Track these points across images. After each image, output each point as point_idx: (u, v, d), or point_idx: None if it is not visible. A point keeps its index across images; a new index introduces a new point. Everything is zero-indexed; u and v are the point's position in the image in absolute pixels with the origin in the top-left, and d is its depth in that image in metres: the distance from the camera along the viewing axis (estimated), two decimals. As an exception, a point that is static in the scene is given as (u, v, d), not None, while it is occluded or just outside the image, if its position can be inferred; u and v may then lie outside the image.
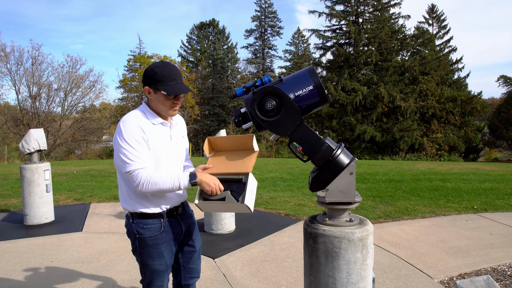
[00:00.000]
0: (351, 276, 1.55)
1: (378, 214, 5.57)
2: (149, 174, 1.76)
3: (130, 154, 1.75)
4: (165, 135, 1.94)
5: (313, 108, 1.63)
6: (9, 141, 24.52)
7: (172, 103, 1.86)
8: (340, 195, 1.58)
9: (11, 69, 22.09)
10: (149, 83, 1.84)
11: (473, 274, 3.49)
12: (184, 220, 2.09)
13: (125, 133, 1.77)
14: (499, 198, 6.62)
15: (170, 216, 1.99)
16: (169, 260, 2.01)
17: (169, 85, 1.80)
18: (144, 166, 1.77)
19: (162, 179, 1.76)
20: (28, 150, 5.27)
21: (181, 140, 2.08)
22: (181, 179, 1.77)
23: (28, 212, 5.26)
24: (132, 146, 1.76)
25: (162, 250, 1.95)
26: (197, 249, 2.19)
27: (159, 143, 1.89)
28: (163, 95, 1.82)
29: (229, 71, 34.67)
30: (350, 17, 25.16)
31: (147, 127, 1.85)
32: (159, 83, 1.80)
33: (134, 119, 1.82)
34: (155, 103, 1.87)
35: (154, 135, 1.87)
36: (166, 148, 1.93)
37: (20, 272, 3.61)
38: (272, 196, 7.09)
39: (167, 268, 2.01)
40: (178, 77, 1.84)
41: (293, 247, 4.19)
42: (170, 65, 1.86)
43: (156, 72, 1.81)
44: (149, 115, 1.89)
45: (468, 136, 23.87)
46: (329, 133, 23.19)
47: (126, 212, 2.02)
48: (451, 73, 26.73)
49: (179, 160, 2.03)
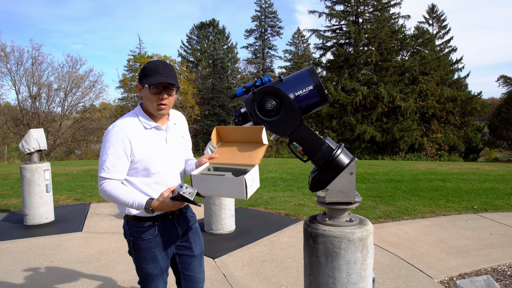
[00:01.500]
0: (351, 276, 1.55)
1: (378, 214, 5.57)
2: (113, 187, 1.76)
3: (107, 162, 1.77)
4: (159, 139, 1.90)
5: (313, 108, 1.63)
6: (9, 141, 24.51)
7: (158, 98, 1.80)
8: (340, 195, 1.58)
9: (11, 69, 22.07)
10: (139, 79, 1.85)
11: (473, 274, 3.49)
12: (182, 223, 2.02)
13: (109, 141, 1.78)
14: (499, 198, 6.62)
15: (165, 219, 1.94)
16: (164, 264, 1.96)
17: (151, 78, 1.78)
18: (115, 178, 1.78)
19: (120, 197, 1.75)
20: (28, 150, 5.27)
21: (180, 142, 2.02)
22: (137, 204, 1.73)
23: (28, 212, 5.26)
24: (111, 157, 1.77)
25: (156, 254, 1.91)
26: (196, 254, 2.09)
27: (151, 148, 1.85)
28: (147, 89, 1.80)
29: (229, 71, 34.65)
30: (350, 17, 25.16)
31: (137, 133, 1.82)
32: (144, 77, 1.80)
33: (122, 127, 1.80)
34: (145, 101, 1.85)
35: (145, 140, 1.84)
36: (160, 153, 1.88)
37: (20, 272, 3.61)
38: (272, 196, 7.09)
39: (162, 272, 1.96)
40: (165, 71, 1.79)
41: (293, 247, 4.19)
42: (159, 61, 1.84)
43: (144, 67, 1.82)
44: (142, 117, 1.86)
45: (468, 136, 23.87)
46: (329, 133, 23.19)
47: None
48: (451, 73, 26.72)
49: (176, 163, 1.98)
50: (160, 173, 1.88)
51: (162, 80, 1.77)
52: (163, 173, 1.90)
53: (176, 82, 1.83)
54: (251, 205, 6.29)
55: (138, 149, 1.80)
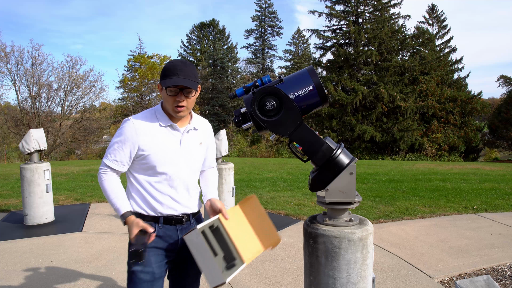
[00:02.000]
0: (351, 276, 1.55)
1: (378, 214, 5.57)
2: (108, 180, 1.77)
3: (113, 151, 1.77)
4: (174, 139, 1.81)
5: (313, 108, 1.63)
6: (9, 141, 24.51)
7: (174, 100, 1.72)
8: (340, 195, 1.58)
9: (11, 69, 22.05)
10: (160, 79, 1.79)
11: (473, 274, 3.49)
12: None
13: (120, 133, 1.77)
14: (499, 198, 6.62)
15: (167, 223, 1.82)
16: (157, 270, 1.77)
17: (168, 79, 1.71)
18: (115, 168, 1.77)
19: (109, 192, 1.76)
20: (28, 150, 5.27)
21: (197, 148, 1.90)
22: (117, 207, 1.73)
23: (28, 212, 5.26)
24: (117, 148, 1.76)
25: (149, 256, 1.75)
26: (191, 274, 1.92)
27: (163, 147, 1.78)
28: (164, 91, 1.75)
29: (229, 71, 34.66)
30: (350, 17, 25.17)
31: (150, 128, 1.77)
32: (163, 78, 1.74)
33: (135, 122, 1.77)
34: (164, 102, 1.80)
35: (159, 137, 1.78)
36: (171, 154, 1.79)
37: (20, 272, 3.61)
38: (272, 196, 7.09)
39: (153, 279, 1.76)
40: (183, 72, 1.71)
41: (293, 247, 4.19)
42: (178, 60, 1.78)
43: (164, 67, 1.77)
44: (160, 116, 1.81)
45: (468, 136, 23.87)
46: (329, 133, 23.19)
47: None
48: (451, 73, 26.74)
49: (189, 168, 1.86)
50: (167, 174, 1.79)
51: (179, 83, 1.69)
52: (171, 175, 1.80)
53: (195, 83, 1.74)
54: (251, 205, 6.29)
55: (146, 145, 1.75)
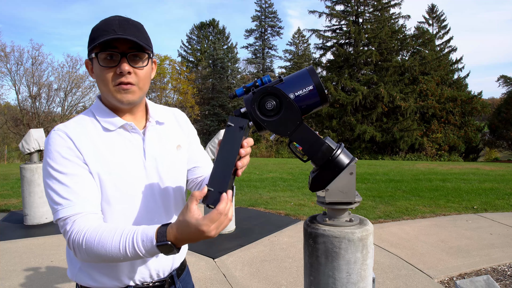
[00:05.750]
0: (351, 276, 1.55)
1: (378, 214, 5.57)
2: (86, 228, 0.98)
3: (59, 190, 1.02)
4: (133, 149, 1.14)
5: (313, 108, 1.63)
6: (9, 141, 24.53)
7: (114, 74, 1.06)
8: (340, 195, 1.58)
9: (11, 69, 22.05)
10: (88, 46, 1.11)
11: (473, 274, 3.49)
12: None
13: (50, 158, 1.04)
14: (499, 198, 6.62)
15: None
16: None
17: (99, 40, 1.04)
18: (83, 211, 1.01)
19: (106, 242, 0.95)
20: (28, 150, 5.27)
21: (173, 154, 1.23)
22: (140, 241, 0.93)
23: (28, 212, 5.26)
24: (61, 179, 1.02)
25: None
26: None
27: (116, 159, 1.10)
28: (96, 62, 1.07)
29: (229, 71, 34.67)
30: (350, 17, 25.18)
31: (91, 137, 1.09)
32: (90, 43, 1.08)
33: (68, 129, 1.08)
34: (99, 85, 1.10)
35: (105, 148, 1.10)
36: (132, 166, 1.12)
37: (20, 272, 3.61)
38: (272, 196, 7.10)
39: None
40: (122, 28, 1.06)
41: (293, 247, 4.19)
42: (115, 16, 1.11)
43: (92, 29, 1.10)
44: (101, 114, 1.13)
45: (468, 136, 23.88)
46: (329, 133, 23.21)
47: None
48: (451, 73, 26.74)
49: (163, 196, 1.18)
50: (135, 198, 1.12)
51: (116, 37, 1.03)
52: (139, 198, 1.13)
53: (146, 43, 1.09)
54: (251, 205, 6.29)
55: (92, 162, 1.06)
